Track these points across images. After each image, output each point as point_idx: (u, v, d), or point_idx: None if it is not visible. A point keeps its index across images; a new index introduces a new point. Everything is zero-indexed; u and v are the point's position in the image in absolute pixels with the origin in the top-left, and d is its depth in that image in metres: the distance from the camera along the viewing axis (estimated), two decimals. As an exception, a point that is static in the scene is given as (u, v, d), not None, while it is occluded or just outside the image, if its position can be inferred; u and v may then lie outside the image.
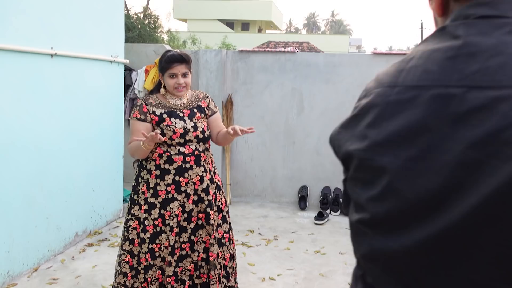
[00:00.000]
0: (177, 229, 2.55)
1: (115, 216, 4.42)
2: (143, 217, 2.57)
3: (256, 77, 5.09)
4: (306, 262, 3.67)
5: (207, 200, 2.59)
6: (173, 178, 2.53)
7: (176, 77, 2.49)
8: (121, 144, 4.45)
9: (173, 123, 2.52)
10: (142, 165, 2.60)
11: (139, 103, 2.58)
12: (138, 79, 5.20)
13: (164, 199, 2.55)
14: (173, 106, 2.58)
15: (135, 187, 2.63)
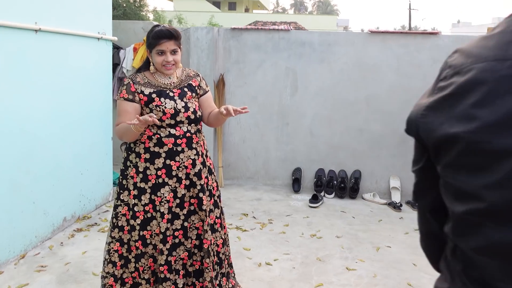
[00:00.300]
0: (169, 216, 2.43)
1: (104, 200, 4.28)
2: (132, 203, 2.44)
3: (248, 56, 4.94)
4: (302, 246, 3.59)
5: (199, 185, 2.47)
6: (164, 161, 2.40)
7: (164, 54, 2.34)
8: (109, 125, 4.29)
9: (163, 103, 2.38)
10: (131, 148, 2.46)
11: (126, 82, 2.42)
12: (126, 57, 5.00)
13: (155, 183, 2.42)
14: (162, 85, 2.43)
15: (123, 171, 2.49)
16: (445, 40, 4.53)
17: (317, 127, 4.90)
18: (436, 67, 4.57)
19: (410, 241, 3.78)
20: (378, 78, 4.69)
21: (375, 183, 4.90)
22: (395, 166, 4.82)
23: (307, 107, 4.89)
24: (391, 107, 4.72)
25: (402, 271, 3.24)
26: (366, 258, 3.42)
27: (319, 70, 4.81)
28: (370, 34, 4.67)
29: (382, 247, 3.63)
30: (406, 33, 4.60)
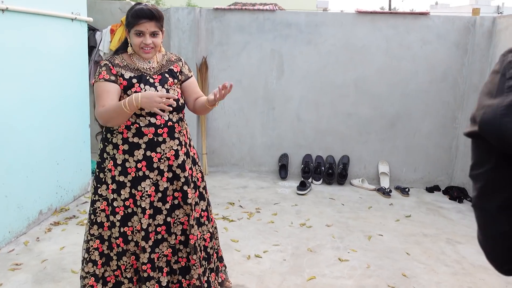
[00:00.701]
0: (151, 211, 2.26)
1: (82, 191, 4.07)
2: (111, 198, 2.25)
3: (232, 38, 4.72)
4: (292, 236, 3.46)
5: (183, 177, 2.30)
6: (144, 153, 2.22)
7: (143, 36, 2.14)
8: (86, 111, 4.05)
9: (143, 90, 2.18)
10: (107, 138, 2.26)
11: (103, 64, 2.20)
12: (103, 39, 4.73)
13: (135, 177, 2.23)
14: (142, 69, 2.23)
15: (100, 164, 2.30)
16: (435, 21, 4.39)
17: (304, 112, 4.74)
18: (426, 49, 4.48)
19: (402, 228, 3.69)
20: (367, 60, 4.54)
21: (363, 169, 4.79)
22: (383, 150, 4.71)
23: (293, 90, 4.72)
24: (380, 90, 4.58)
25: (395, 261, 3.14)
26: (358, 248, 3.31)
27: (306, 52, 4.63)
28: (358, 15, 4.50)
29: (373, 236, 3.52)
30: (396, 13, 4.44)
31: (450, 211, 4.14)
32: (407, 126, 4.60)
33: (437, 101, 4.51)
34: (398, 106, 4.57)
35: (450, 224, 3.82)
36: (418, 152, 4.64)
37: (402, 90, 4.53)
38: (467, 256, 3.27)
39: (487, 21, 4.24)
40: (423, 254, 3.27)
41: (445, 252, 3.31)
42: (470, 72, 4.38)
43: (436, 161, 4.64)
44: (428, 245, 3.40)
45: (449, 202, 4.37)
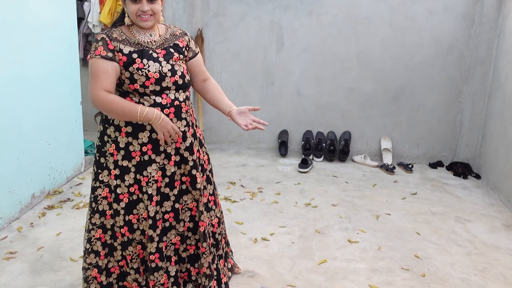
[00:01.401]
0: (158, 197, 2.10)
1: (76, 171, 3.88)
2: (114, 184, 2.08)
3: (229, 9, 4.48)
4: (298, 217, 3.34)
5: (191, 161, 2.14)
6: (149, 135, 2.04)
7: (140, 2, 1.93)
8: (77, 87, 3.82)
9: (146, 66, 1.99)
10: (108, 120, 2.07)
11: (100, 38, 1.99)
12: (91, 10, 4.46)
13: (139, 161, 2.06)
14: (143, 43, 2.03)
15: (100, 148, 2.12)
16: (442, -10, 4.20)
17: (305, 87, 4.57)
18: (431, 20, 4.31)
19: (409, 207, 3.60)
20: (370, 32, 4.36)
21: (365, 145, 4.66)
22: (386, 126, 4.58)
23: (293, 64, 4.53)
24: (383, 64, 4.42)
25: (406, 241, 3.04)
26: (367, 228, 3.20)
27: (307, 23, 4.42)
28: (362, -16, 4.29)
29: (381, 215, 3.42)
30: (402, -18, 4.25)
31: (456, 187, 4.06)
32: (410, 101, 4.47)
33: (442, 75, 4.36)
34: (401, 81, 4.42)
35: (457, 201, 3.74)
36: (421, 127, 4.53)
37: (406, 63, 4.37)
38: (478, 234, 3.19)
39: (496, -9, 4.07)
40: (433, 233, 3.18)
41: (455, 231, 3.23)
42: (477, 45, 4.23)
43: (439, 136, 4.53)
44: (438, 224, 3.32)
45: (453, 178, 4.28)
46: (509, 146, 3.71)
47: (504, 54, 3.94)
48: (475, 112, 4.35)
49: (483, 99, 4.30)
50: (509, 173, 3.69)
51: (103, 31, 2.09)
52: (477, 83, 4.29)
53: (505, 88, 3.86)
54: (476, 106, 4.34)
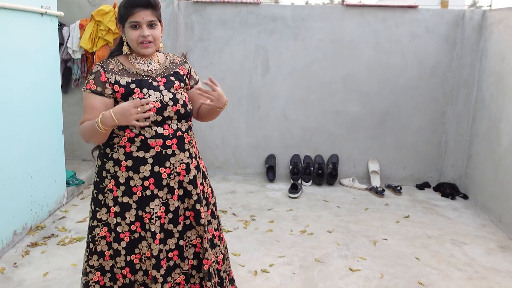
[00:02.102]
0: (161, 235, 1.98)
1: (58, 204, 3.68)
2: (114, 223, 1.96)
3: (214, 33, 4.42)
4: (295, 245, 3.25)
5: (195, 194, 2.03)
6: (151, 169, 1.93)
7: (140, 28, 1.85)
8: (59, 116, 3.66)
9: (146, 96, 1.89)
10: (106, 154, 1.96)
11: (95, 70, 1.91)
12: (71, 35, 4.31)
13: (141, 197, 1.95)
14: (142, 72, 1.94)
15: (98, 184, 2.00)
16: (424, 14, 4.28)
17: (291, 110, 4.53)
18: (415, 43, 4.36)
19: (404, 231, 3.57)
20: (356, 56, 4.38)
21: (353, 167, 4.64)
22: (373, 148, 4.58)
23: (280, 88, 4.49)
24: (369, 86, 4.44)
25: (408, 268, 3.00)
26: (366, 255, 3.14)
27: (293, 47, 4.40)
28: (346, 8, 4.32)
29: (378, 240, 3.37)
30: (385, 6, 4.30)
31: (446, 209, 4.06)
32: (396, 122, 4.49)
33: (426, 97, 4.41)
34: (387, 103, 4.45)
35: (449, 223, 3.74)
36: (407, 149, 4.55)
37: (392, 86, 4.41)
38: (476, 257, 3.18)
39: (477, 14, 4.17)
40: (432, 258, 3.14)
41: (453, 254, 3.21)
42: (459, 67, 4.31)
43: (425, 157, 4.56)
44: (435, 248, 3.29)
45: (442, 199, 4.30)
46: (497, 167, 3.75)
47: (487, 75, 4.02)
48: (460, 132, 4.41)
49: (467, 120, 4.37)
50: (498, 194, 3.73)
51: (98, 62, 1.98)
52: (460, 104, 4.36)
53: (491, 109, 3.93)
54: (461, 127, 4.40)
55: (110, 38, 4.28)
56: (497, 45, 3.85)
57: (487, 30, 4.05)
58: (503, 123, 3.69)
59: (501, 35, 3.79)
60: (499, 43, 3.81)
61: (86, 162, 4.69)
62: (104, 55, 4.30)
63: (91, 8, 4.39)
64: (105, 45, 4.32)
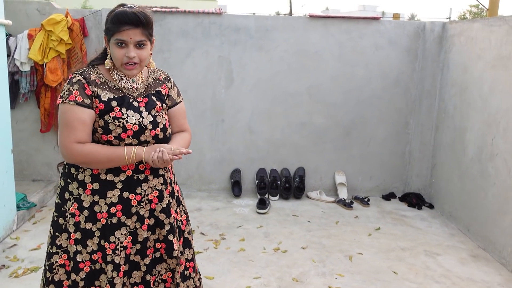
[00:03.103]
0: (126, 267, 1.80)
1: (8, 231, 3.35)
2: (73, 250, 1.77)
3: (174, 44, 4.24)
4: (270, 265, 3.10)
5: (168, 224, 1.86)
6: (120, 194, 1.76)
7: (126, 47, 1.68)
8: (8, 134, 3.34)
9: (124, 116, 1.72)
10: (70, 174, 1.77)
11: (76, 80, 1.70)
12: (18, 46, 3.98)
13: (106, 224, 1.77)
14: (123, 89, 1.76)
15: (59, 207, 1.80)
16: (386, 26, 4.31)
17: (256, 123, 4.41)
18: (378, 54, 4.37)
19: (377, 243, 3.51)
20: (320, 67, 4.33)
21: (319, 180, 4.57)
22: (339, 160, 4.53)
23: (244, 101, 4.36)
24: (334, 98, 4.40)
25: (387, 283, 2.93)
26: (343, 271, 3.05)
27: (257, 59, 4.29)
28: (310, 19, 4.27)
29: (354, 255, 3.29)
30: (348, 18, 4.28)
31: (414, 219, 4.06)
32: (362, 134, 4.47)
33: (390, 108, 4.43)
34: (352, 114, 4.42)
35: (420, 234, 3.72)
36: (373, 160, 4.54)
37: (357, 97, 4.39)
38: (451, 268, 3.16)
39: (437, 26, 4.24)
40: (409, 271, 3.10)
41: (429, 266, 3.18)
42: (421, 78, 4.36)
43: (391, 168, 4.57)
44: (410, 260, 3.25)
45: (409, 209, 4.30)
46: (464, 176, 3.79)
47: (449, 86, 4.08)
48: (424, 142, 4.45)
49: (430, 130, 4.42)
50: (465, 203, 3.76)
51: (77, 70, 1.76)
52: (423, 114, 4.41)
53: (454, 119, 3.98)
54: (424, 137, 4.44)
55: (62, 49, 4.00)
56: (459, 56, 3.92)
57: (448, 42, 4.13)
58: (468, 133, 3.74)
59: (463, 47, 3.86)
60: (461, 55, 3.88)
61: (37, 182, 4.34)
62: (56, 67, 4.01)
63: (40, 17, 4.09)
64: (57, 56, 4.03)
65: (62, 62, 4.08)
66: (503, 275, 3.10)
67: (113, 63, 1.74)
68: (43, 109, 4.15)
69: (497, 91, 3.36)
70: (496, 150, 3.35)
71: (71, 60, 4.14)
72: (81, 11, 4.15)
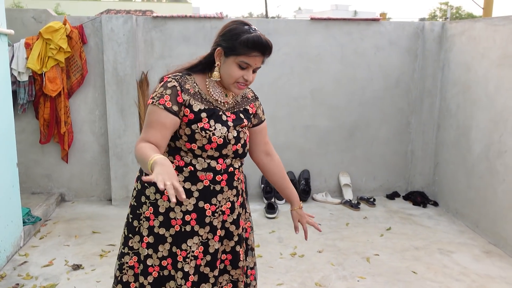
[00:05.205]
0: (195, 277, 1.77)
1: (15, 247, 3.23)
2: (144, 254, 1.76)
3: (176, 50, 4.18)
4: (290, 270, 3.08)
5: (237, 235, 1.84)
6: (196, 203, 1.74)
7: (247, 70, 1.67)
8: (13, 148, 3.23)
9: (212, 128, 1.70)
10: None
11: (171, 85, 1.67)
12: (16, 56, 3.86)
13: (179, 231, 1.74)
14: (215, 102, 1.73)
15: (135, 209, 1.79)
16: (386, 27, 4.34)
17: (260, 127, 4.37)
18: (379, 55, 4.40)
19: (391, 244, 3.53)
20: (323, 69, 4.34)
21: (324, 182, 4.58)
22: (343, 162, 4.54)
23: (247, 105, 4.33)
24: (337, 100, 4.41)
25: (409, 283, 2.94)
26: (364, 274, 3.05)
27: (259, 63, 4.26)
28: (312, 22, 4.27)
29: (371, 257, 3.30)
30: (349, 19, 4.30)
31: (421, 217, 4.11)
32: (365, 135, 4.50)
33: (392, 108, 4.47)
34: (355, 115, 4.44)
35: (430, 233, 3.76)
36: (376, 160, 4.57)
37: (359, 98, 4.41)
38: (467, 265, 3.20)
39: (437, 26, 4.30)
40: (428, 270, 3.12)
41: (446, 265, 3.21)
42: (422, 77, 4.41)
43: (394, 167, 4.61)
44: (426, 259, 3.28)
45: (414, 208, 4.35)
46: (470, 173, 3.85)
47: (451, 85, 4.14)
48: (426, 141, 4.51)
49: (432, 129, 4.47)
50: (473, 200, 3.82)
51: (173, 75, 1.70)
52: (425, 114, 4.46)
53: (458, 117, 4.04)
54: (426, 136, 4.50)
55: (61, 57, 3.89)
56: (461, 56, 3.98)
57: (448, 42, 4.19)
58: (473, 131, 3.80)
59: (465, 46, 3.92)
60: (464, 54, 3.94)
61: (37, 195, 4.21)
62: (55, 76, 3.90)
63: (37, 25, 3.98)
64: (56, 65, 3.92)
65: (61, 71, 3.97)
66: (519, 270, 3.15)
67: (219, 74, 1.69)
68: (42, 120, 4.03)
69: (503, 89, 3.42)
70: (504, 147, 3.40)
71: (70, 68, 4.03)
72: (79, 18, 4.05)
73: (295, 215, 1.99)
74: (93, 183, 4.30)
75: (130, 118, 4.09)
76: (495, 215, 3.53)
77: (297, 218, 1.99)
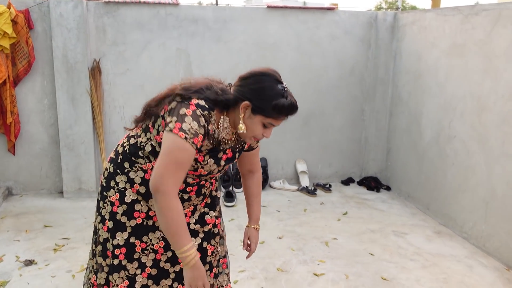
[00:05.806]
0: (152, 271, 1.74)
1: (-39, 244, 3.05)
2: (104, 237, 1.73)
3: (129, 36, 4.06)
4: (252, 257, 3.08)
5: (202, 232, 1.82)
6: None
7: (269, 129, 1.64)
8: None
9: (203, 162, 1.65)
10: (123, 167, 1.69)
11: (202, 123, 1.55)
12: (-45, 41, 3.61)
13: (140, 224, 1.71)
14: (221, 141, 1.66)
15: (102, 191, 1.75)
16: (341, 16, 4.41)
17: (217, 116, 4.34)
18: (334, 44, 4.48)
19: (348, 228, 3.62)
20: (279, 58, 4.35)
21: (281, 169, 4.62)
22: (300, 149, 4.60)
23: (204, 93, 4.28)
24: (293, 88, 4.33)
25: (366, 265, 3.04)
26: (324, 257, 3.12)
27: (216, 50, 4.23)
28: (268, 10, 4.27)
29: (329, 241, 3.38)
30: (305, 8, 4.33)
31: (375, 201, 4.24)
32: (320, 122, 4.57)
33: (347, 96, 4.56)
34: (311, 103, 4.50)
35: (385, 216, 3.89)
36: (331, 147, 4.66)
37: (314, 87, 4.47)
38: (420, 246, 3.34)
39: (389, 16, 4.41)
40: (384, 252, 3.23)
41: (400, 246, 3.33)
42: (375, 66, 4.52)
43: (348, 154, 4.72)
44: (383, 241, 3.39)
45: (368, 192, 4.48)
46: (421, 158, 4.01)
47: (403, 74, 4.27)
48: (379, 128, 4.64)
49: (384, 116, 4.61)
50: (424, 183, 3.98)
51: (201, 108, 1.57)
52: (378, 101, 4.59)
53: (409, 105, 4.18)
54: (379, 123, 4.63)
55: (6, 43, 3.68)
56: (412, 45, 4.11)
57: (400, 31, 4.31)
58: (424, 118, 3.94)
59: (416, 36, 4.05)
60: (414, 43, 4.07)
61: (-18, 189, 3.98)
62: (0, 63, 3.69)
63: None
64: (0, 51, 3.70)
65: (6, 58, 3.75)
66: (467, 248, 3.33)
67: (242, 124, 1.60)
68: (-14, 110, 3.81)
69: (452, 78, 3.57)
70: (453, 133, 3.56)
71: (15, 55, 3.82)
72: (25, 2, 3.83)
73: (248, 232, 1.96)
74: (42, 175, 4.12)
75: (82, 107, 3.93)
76: (445, 197, 3.69)
77: (247, 236, 1.96)
